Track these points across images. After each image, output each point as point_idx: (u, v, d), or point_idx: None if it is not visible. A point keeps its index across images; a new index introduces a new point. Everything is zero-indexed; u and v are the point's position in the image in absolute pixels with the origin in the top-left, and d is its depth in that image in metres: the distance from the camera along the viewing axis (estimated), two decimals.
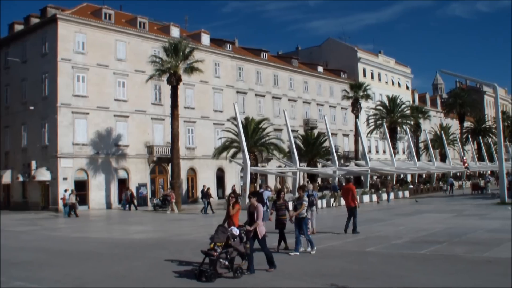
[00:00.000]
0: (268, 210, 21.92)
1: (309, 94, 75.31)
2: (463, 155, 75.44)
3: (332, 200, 41.81)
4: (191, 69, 44.52)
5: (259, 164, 51.14)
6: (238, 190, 53.17)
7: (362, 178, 52.71)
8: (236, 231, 12.87)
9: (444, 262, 14.01)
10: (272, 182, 60.93)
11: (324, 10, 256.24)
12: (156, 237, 23.03)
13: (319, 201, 37.93)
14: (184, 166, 51.34)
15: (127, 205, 45.28)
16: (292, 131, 48.88)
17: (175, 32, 57.83)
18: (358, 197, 42.35)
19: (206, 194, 39.01)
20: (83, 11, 50.56)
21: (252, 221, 13.76)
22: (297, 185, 43.57)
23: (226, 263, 12.42)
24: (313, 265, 14.12)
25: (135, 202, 46.16)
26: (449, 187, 56.48)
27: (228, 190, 54.44)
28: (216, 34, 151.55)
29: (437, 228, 21.70)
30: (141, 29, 54.16)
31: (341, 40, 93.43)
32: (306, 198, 17.17)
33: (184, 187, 53.86)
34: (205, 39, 61.28)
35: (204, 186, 41.86)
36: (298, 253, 15.78)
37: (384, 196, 46.19)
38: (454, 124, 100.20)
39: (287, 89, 71.35)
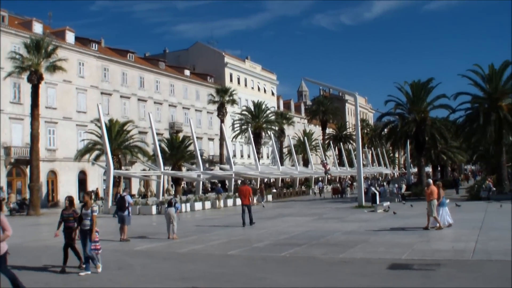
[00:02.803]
0: (130, 215, 21.52)
1: (175, 98, 74.98)
2: (324, 160, 77.98)
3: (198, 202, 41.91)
4: (53, 68, 42.97)
5: (122, 167, 50.26)
6: (101, 194, 52.07)
7: (226, 182, 53.17)
8: None
9: (302, 263, 14.46)
10: (136, 185, 60.10)
11: (192, 14, 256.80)
12: (10, 243, 21.88)
13: (183, 205, 37.95)
14: (44, 168, 49.30)
15: None
16: (157, 134, 48.55)
17: (37, 28, 55.53)
18: (226, 200, 43.39)
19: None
20: None
21: None
22: (161, 189, 43.51)
23: None
24: (174, 269, 14.12)
25: None
26: (319, 190, 58.29)
27: None
28: (81, 32, 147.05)
29: (298, 231, 22.29)
30: (0, 23, 51.49)
31: (209, 44, 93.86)
32: (96, 208, 14.42)
33: (44, 190, 51.74)
34: (70, 37, 59.39)
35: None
36: (89, 272, 13.53)
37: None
38: (317, 130, 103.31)
39: (153, 92, 70.64)
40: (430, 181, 23.03)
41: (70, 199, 14.56)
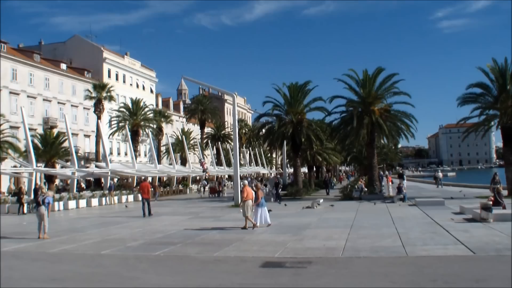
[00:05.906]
0: None
1: (51, 92, 72.48)
2: (202, 159, 77.98)
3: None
4: None
5: None
6: None
7: (102, 180, 52.02)
8: None
9: (176, 262, 14.45)
10: (6, 183, 57.46)
11: (70, 6, 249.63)
12: None
13: (56, 203, 36.81)
14: None
15: None
16: (30, 129, 46.81)
17: None
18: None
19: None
20: None
21: None
22: (33, 186, 41.88)
23: None
24: (44, 270, 13.69)
25: None
26: (202, 188, 58.25)
27: None
28: None
29: (173, 230, 22.19)
30: None
31: (87, 38, 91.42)
32: None
33: None
34: None
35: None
36: None
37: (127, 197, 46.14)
38: (195, 129, 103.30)
39: (26, 85, 67.89)
40: (246, 182, 23.85)
41: None
